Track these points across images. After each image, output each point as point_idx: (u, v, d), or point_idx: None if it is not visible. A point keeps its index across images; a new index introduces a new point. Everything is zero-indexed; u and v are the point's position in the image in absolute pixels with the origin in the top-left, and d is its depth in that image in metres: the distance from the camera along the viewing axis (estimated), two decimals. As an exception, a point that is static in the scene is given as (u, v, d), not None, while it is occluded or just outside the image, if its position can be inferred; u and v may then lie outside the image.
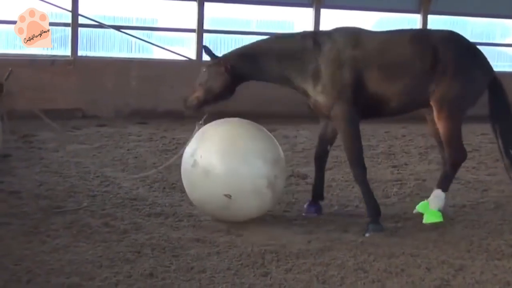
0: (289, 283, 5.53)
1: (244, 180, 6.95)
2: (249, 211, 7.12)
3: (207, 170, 6.98)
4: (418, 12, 17.90)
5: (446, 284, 5.62)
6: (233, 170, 6.96)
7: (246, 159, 7.04)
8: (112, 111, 15.09)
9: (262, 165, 7.03)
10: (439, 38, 7.45)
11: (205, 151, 7.09)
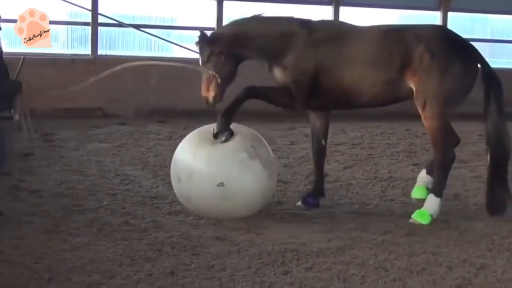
0: (310, 282, 5.51)
1: (225, 164, 7.03)
2: (248, 190, 7.09)
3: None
4: (438, 9, 17.82)
5: (467, 283, 5.59)
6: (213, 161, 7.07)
7: (216, 147, 7.20)
8: (132, 109, 15.14)
9: (233, 144, 7.20)
10: (417, 33, 7.29)
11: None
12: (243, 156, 7.05)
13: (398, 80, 7.24)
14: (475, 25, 18.71)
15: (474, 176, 9.75)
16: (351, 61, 7.30)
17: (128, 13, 15.91)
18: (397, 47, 7.23)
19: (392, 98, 7.48)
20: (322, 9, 17.11)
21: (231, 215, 7.13)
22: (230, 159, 7.05)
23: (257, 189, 7.14)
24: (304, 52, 7.36)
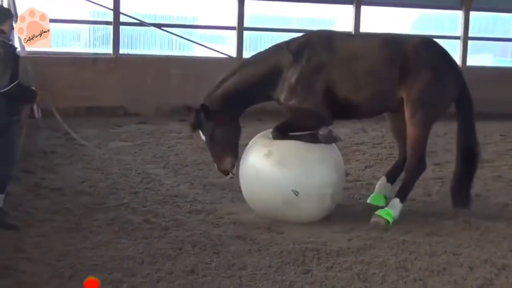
0: (330, 281, 5.51)
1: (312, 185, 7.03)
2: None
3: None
4: (460, 9, 17.73)
5: (488, 284, 5.57)
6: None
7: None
8: (153, 108, 15.18)
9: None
10: (411, 45, 7.37)
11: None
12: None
13: (394, 90, 7.30)
14: (497, 25, 18.61)
15: (496, 176, 9.72)
16: (349, 73, 7.33)
17: (150, 12, 15.95)
18: (396, 58, 7.29)
19: (386, 107, 7.56)
20: (343, 8, 17.08)
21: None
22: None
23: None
24: (301, 76, 7.34)
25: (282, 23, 17.08)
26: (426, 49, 7.42)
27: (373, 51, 7.35)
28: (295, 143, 7.15)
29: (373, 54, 7.33)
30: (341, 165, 7.42)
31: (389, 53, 7.31)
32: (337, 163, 7.28)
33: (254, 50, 16.61)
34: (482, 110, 16.34)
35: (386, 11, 17.35)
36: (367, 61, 7.30)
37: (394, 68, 7.24)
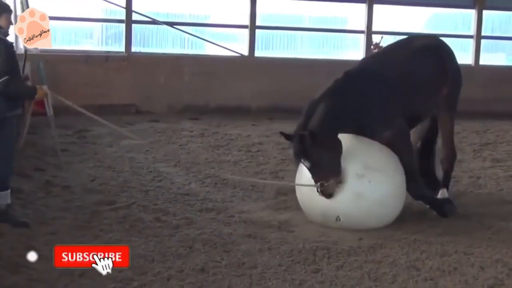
0: (340, 280, 5.52)
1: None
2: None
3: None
4: (473, 8, 17.66)
5: (500, 284, 5.56)
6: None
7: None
8: (165, 106, 15.20)
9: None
10: (444, 47, 8.06)
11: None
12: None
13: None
14: (510, 24, 18.52)
15: (508, 175, 9.67)
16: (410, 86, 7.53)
17: (162, 11, 15.96)
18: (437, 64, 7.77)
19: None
20: (356, 6, 17.04)
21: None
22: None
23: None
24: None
25: (295, 22, 17.07)
26: (448, 50, 8.14)
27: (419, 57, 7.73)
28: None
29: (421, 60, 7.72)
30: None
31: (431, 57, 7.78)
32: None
33: (266, 49, 16.68)
34: (494, 109, 16.49)
35: (399, 9, 17.30)
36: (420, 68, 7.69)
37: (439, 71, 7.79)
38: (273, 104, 15.78)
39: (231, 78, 15.72)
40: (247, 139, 12.16)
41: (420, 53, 7.74)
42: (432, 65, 7.73)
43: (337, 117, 6.93)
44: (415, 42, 8.02)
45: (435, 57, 7.80)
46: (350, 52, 17.37)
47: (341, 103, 7.02)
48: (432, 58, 7.77)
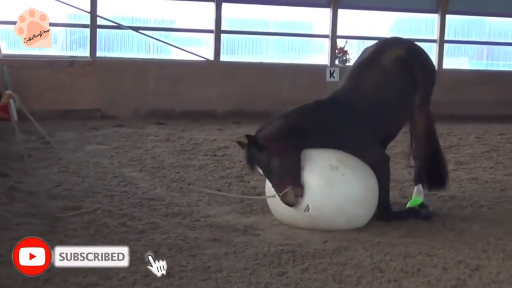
0: (305, 283, 5.55)
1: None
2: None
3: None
4: (436, 12, 17.88)
5: (462, 284, 5.62)
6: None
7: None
8: (130, 111, 15.18)
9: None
10: (411, 55, 7.91)
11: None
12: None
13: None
14: (472, 28, 18.78)
15: (471, 178, 9.80)
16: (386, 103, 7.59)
17: (127, 15, 15.94)
18: (409, 76, 7.79)
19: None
20: (320, 11, 17.16)
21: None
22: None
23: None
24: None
25: (260, 26, 17.15)
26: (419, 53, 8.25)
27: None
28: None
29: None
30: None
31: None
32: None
33: (231, 53, 16.76)
34: (458, 113, 16.71)
35: (363, 14, 17.45)
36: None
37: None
38: (238, 108, 15.85)
39: (197, 83, 15.76)
40: (213, 143, 12.19)
41: (391, 71, 7.66)
42: (404, 80, 7.69)
43: (298, 132, 7.05)
44: (384, 56, 7.82)
45: (406, 69, 7.71)
46: (315, 56, 17.50)
47: (302, 120, 7.22)
48: (403, 71, 7.69)
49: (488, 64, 19.35)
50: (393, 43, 8.19)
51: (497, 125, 15.79)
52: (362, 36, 17.07)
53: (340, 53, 17.23)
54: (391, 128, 7.80)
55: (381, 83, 7.57)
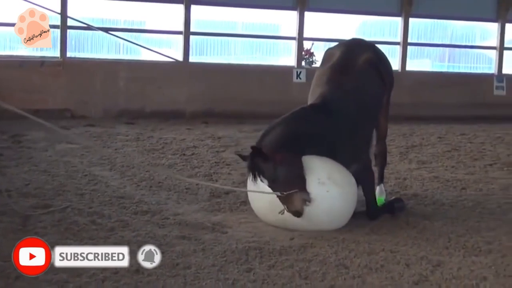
0: (272, 279, 5.62)
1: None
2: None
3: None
4: (400, 15, 18.12)
5: (424, 280, 5.73)
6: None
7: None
8: (100, 111, 15.22)
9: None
10: (378, 58, 8.13)
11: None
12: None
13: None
14: (435, 31, 19.04)
15: (432, 176, 9.98)
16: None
17: (97, 16, 15.96)
18: (379, 78, 7.99)
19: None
20: (288, 13, 17.30)
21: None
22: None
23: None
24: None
25: (228, 28, 17.24)
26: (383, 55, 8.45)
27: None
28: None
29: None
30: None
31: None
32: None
33: (200, 55, 16.84)
34: (420, 114, 16.95)
35: (330, 17, 17.60)
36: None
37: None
38: (207, 108, 15.94)
39: (166, 83, 15.83)
40: (182, 142, 12.27)
41: (366, 74, 7.78)
42: (377, 82, 7.88)
43: (296, 139, 7.00)
44: (357, 58, 7.88)
45: (376, 71, 7.89)
46: (282, 58, 17.64)
47: (302, 127, 7.14)
48: (375, 74, 7.86)
49: (450, 66, 19.62)
50: (360, 46, 8.32)
51: (459, 126, 16.07)
52: (328, 38, 17.23)
53: (306, 55, 17.38)
54: (371, 129, 7.93)
55: (360, 86, 7.64)
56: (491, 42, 19.58)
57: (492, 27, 19.48)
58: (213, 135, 13.36)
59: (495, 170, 10.78)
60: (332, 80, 7.62)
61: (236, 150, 11.66)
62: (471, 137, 14.56)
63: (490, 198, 8.78)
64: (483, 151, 12.66)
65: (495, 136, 14.86)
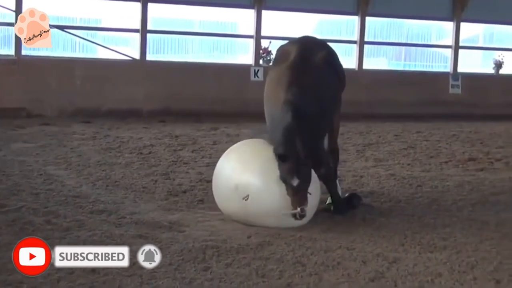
0: (229, 277, 5.63)
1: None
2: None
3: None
4: (356, 14, 18.25)
5: (380, 276, 5.77)
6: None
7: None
8: (56, 110, 15.10)
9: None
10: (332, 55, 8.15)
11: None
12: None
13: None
14: (391, 30, 19.23)
15: (389, 174, 10.08)
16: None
17: (53, 14, 15.78)
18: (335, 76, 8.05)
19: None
20: (245, 12, 17.32)
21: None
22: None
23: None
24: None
25: (185, 26, 17.21)
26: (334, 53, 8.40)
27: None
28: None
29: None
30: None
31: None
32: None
33: (157, 53, 16.79)
34: (377, 112, 17.09)
35: (287, 15, 17.67)
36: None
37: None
38: (164, 107, 15.90)
39: (123, 82, 15.75)
40: (139, 141, 12.23)
41: (324, 73, 7.77)
42: (334, 80, 7.91)
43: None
44: (314, 57, 7.83)
45: (332, 69, 7.94)
46: (240, 56, 17.67)
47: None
48: (331, 71, 7.89)
49: (406, 65, 19.85)
50: (315, 43, 8.36)
51: (414, 124, 16.25)
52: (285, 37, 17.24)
53: (264, 53, 17.43)
54: (331, 127, 7.96)
55: (321, 85, 7.63)
56: (447, 41, 19.84)
57: (448, 26, 19.76)
58: (170, 134, 13.33)
59: (450, 168, 10.92)
60: (293, 80, 7.44)
61: (193, 148, 11.67)
62: (427, 135, 14.74)
63: (445, 195, 8.89)
64: (438, 149, 12.82)
65: (450, 134, 15.07)
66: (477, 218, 7.79)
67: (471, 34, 20.74)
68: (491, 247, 6.64)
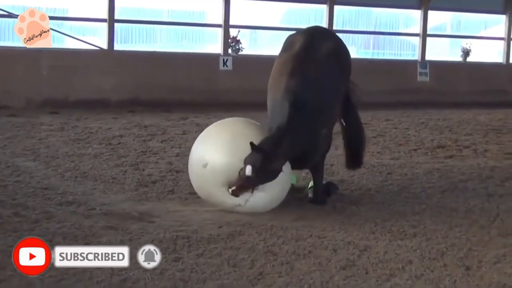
0: (201, 267, 5.62)
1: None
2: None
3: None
4: (325, 3, 18.29)
5: (351, 264, 5.80)
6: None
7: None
8: (23, 101, 14.96)
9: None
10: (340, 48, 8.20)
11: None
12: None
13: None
14: (359, 18, 19.32)
15: (359, 162, 10.07)
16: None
17: (18, 4, 15.65)
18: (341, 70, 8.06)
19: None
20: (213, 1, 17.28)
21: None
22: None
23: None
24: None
25: (153, 16, 17.14)
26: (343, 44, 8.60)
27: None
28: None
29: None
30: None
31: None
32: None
33: (125, 42, 16.70)
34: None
35: (255, 4, 17.65)
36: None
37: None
38: (133, 97, 15.83)
39: (91, 72, 15.65)
40: (108, 132, 12.16)
41: (329, 63, 7.75)
42: (337, 71, 7.85)
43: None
44: (321, 48, 7.82)
45: (338, 60, 7.92)
46: (209, 45, 17.65)
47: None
48: (336, 63, 7.86)
49: (374, 53, 19.94)
50: (322, 34, 8.37)
51: (384, 112, 16.34)
52: (254, 26, 17.31)
53: (233, 42, 17.41)
54: (330, 119, 7.94)
55: (324, 75, 7.60)
56: (415, 29, 19.95)
57: (415, 14, 19.86)
58: (139, 124, 13.28)
59: (420, 155, 10.99)
60: (295, 72, 7.46)
61: (163, 138, 11.62)
62: (396, 122, 14.83)
63: (415, 183, 8.96)
64: (407, 137, 12.90)
65: (419, 122, 15.17)
66: (446, 205, 7.86)
67: (439, 22, 20.88)
68: (460, 234, 6.71)
